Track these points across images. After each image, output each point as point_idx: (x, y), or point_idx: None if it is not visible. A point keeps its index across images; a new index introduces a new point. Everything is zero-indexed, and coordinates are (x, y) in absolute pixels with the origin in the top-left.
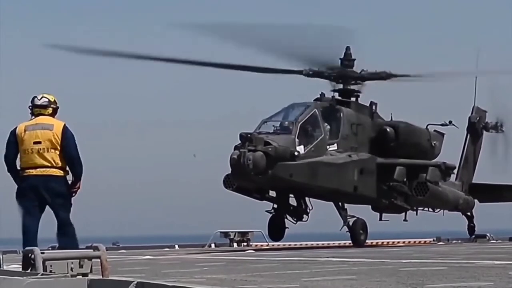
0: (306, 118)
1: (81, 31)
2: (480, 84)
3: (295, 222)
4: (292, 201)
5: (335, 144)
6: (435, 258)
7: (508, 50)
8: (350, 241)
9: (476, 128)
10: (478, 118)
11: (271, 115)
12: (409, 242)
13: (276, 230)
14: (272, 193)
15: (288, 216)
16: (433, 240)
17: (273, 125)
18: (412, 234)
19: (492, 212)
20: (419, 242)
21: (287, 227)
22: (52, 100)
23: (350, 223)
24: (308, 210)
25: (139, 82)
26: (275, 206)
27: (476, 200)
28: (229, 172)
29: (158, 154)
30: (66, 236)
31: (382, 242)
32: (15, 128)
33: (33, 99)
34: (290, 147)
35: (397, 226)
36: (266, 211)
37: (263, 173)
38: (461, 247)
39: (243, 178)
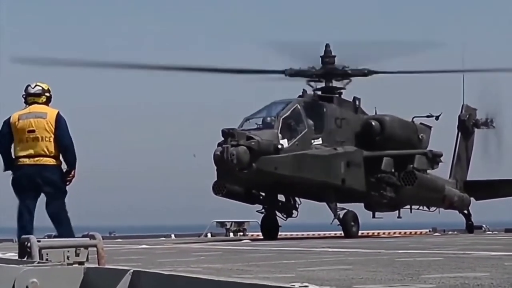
0: (288, 113)
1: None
2: (468, 81)
3: (285, 218)
4: (281, 198)
5: (320, 139)
6: (431, 249)
7: (494, 45)
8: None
9: (466, 126)
10: (468, 116)
11: (253, 113)
12: (405, 232)
13: (269, 230)
14: (261, 194)
15: (277, 213)
16: (429, 231)
17: (256, 122)
18: (408, 225)
19: (488, 204)
20: (415, 232)
21: (280, 226)
22: (46, 88)
23: (341, 216)
24: (297, 205)
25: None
26: (266, 206)
27: (472, 198)
28: (216, 177)
29: (155, 143)
30: (61, 224)
31: (378, 233)
32: (9, 118)
33: (26, 88)
34: (273, 141)
35: (392, 217)
36: (257, 211)
37: (248, 167)
38: (457, 238)
39: (228, 174)
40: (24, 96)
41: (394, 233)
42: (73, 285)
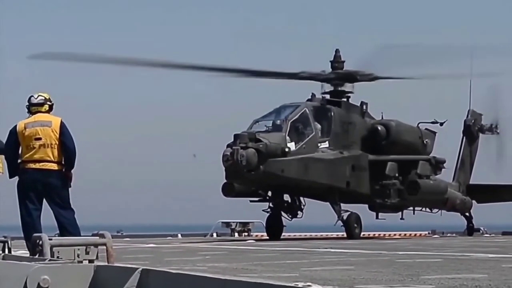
0: (297, 116)
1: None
2: (475, 87)
3: (290, 219)
4: (286, 198)
5: (327, 142)
6: (431, 251)
7: (502, 52)
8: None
9: (471, 131)
10: (473, 121)
11: (262, 115)
12: (405, 234)
13: (274, 230)
14: (268, 194)
15: (283, 213)
16: (428, 233)
17: (265, 125)
18: (408, 227)
19: (486, 208)
20: (415, 234)
21: (285, 225)
22: (47, 97)
23: (344, 218)
24: (302, 207)
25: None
26: (271, 205)
27: (474, 201)
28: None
29: (162, 143)
30: (69, 225)
31: (379, 234)
32: (15, 127)
33: (29, 98)
34: (281, 144)
35: (393, 219)
36: (263, 210)
37: (255, 169)
38: (456, 240)
39: (236, 175)
40: (27, 106)
41: (395, 234)
42: (84, 282)
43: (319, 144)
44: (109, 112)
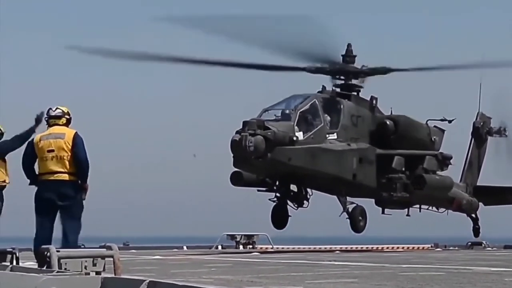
0: (306, 107)
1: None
2: (484, 90)
3: (296, 208)
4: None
5: (335, 134)
6: (434, 264)
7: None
8: (351, 244)
9: (480, 133)
10: (482, 123)
11: (272, 104)
12: (408, 247)
13: (279, 219)
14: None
15: (289, 202)
16: (431, 246)
17: (274, 114)
18: (410, 241)
19: (488, 221)
20: (417, 247)
21: (290, 215)
22: (66, 111)
23: (350, 210)
24: (308, 196)
25: (144, 82)
26: (278, 194)
27: (481, 203)
28: (233, 171)
29: (167, 155)
30: (70, 235)
31: (382, 247)
32: (33, 139)
33: (48, 111)
34: (289, 133)
35: (398, 230)
36: (269, 199)
37: (263, 156)
38: (458, 254)
39: (244, 161)
40: (46, 119)
41: (398, 247)
42: None
43: (327, 135)
44: (110, 121)
